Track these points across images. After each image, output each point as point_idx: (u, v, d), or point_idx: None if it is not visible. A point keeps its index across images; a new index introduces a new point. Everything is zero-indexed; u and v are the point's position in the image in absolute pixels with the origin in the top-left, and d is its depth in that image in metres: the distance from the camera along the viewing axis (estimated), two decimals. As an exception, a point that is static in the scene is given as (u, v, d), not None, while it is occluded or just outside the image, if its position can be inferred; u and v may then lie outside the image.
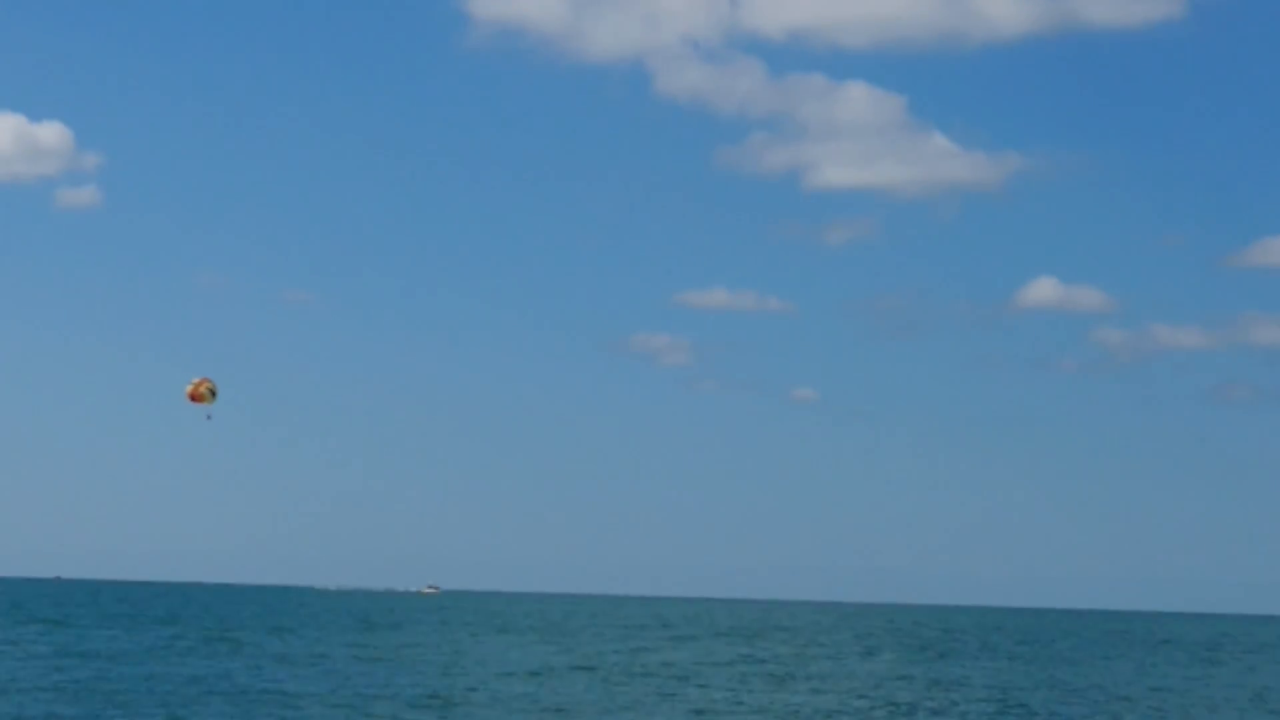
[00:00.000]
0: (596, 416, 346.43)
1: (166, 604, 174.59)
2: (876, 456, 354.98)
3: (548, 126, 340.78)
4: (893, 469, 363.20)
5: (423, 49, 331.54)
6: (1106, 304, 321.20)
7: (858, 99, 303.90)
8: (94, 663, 64.01)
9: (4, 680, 53.80)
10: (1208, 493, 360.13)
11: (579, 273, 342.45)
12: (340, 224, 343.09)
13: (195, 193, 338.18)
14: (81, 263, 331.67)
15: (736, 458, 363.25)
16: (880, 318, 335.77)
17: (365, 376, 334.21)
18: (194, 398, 47.12)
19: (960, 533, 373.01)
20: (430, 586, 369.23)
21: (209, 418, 47.02)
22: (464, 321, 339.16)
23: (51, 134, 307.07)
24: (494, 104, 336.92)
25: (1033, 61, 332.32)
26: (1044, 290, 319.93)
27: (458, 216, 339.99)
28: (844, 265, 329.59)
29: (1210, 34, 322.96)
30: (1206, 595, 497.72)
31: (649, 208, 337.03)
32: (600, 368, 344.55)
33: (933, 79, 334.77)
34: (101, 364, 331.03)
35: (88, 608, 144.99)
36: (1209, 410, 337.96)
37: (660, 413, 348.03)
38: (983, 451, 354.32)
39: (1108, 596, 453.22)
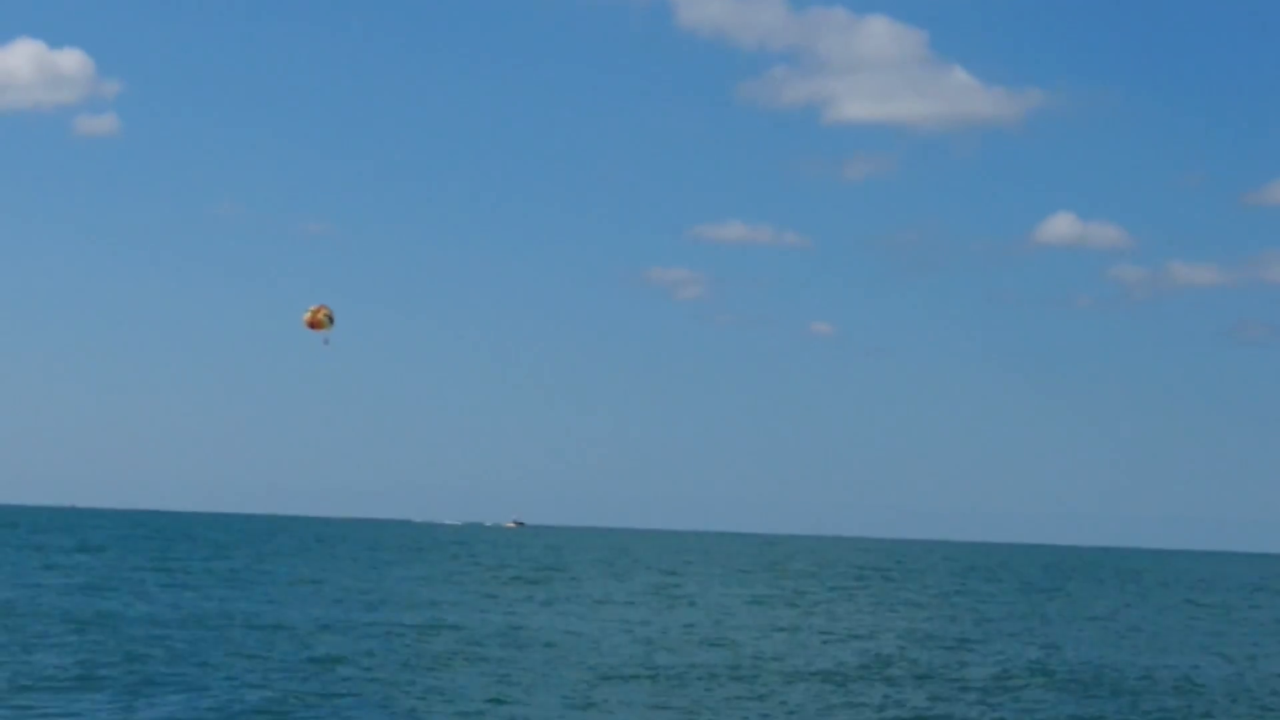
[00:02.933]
0: (613, 349, 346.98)
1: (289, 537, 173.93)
2: (893, 391, 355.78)
3: (569, 59, 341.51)
4: (909, 404, 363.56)
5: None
6: (1125, 240, 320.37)
7: (879, 33, 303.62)
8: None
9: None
10: (1223, 430, 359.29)
11: (597, 206, 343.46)
12: (360, 157, 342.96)
13: (215, 122, 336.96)
14: (101, 190, 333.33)
15: (752, 391, 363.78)
16: (898, 253, 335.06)
17: (383, 311, 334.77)
18: (312, 324, 45.47)
19: (976, 468, 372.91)
20: (515, 521, 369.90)
21: (326, 343, 45.21)
22: (480, 254, 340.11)
23: (72, 61, 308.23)
24: (515, 36, 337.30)
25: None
26: (1062, 226, 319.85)
27: (477, 148, 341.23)
28: (862, 200, 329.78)
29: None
30: (1222, 533, 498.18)
31: (668, 141, 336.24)
32: (616, 300, 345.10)
33: (955, 13, 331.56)
34: (120, 294, 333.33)
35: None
36: (1225, 348, 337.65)
37: (676, 346, 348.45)
38: (998, 387, 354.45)
39: (1124, 533, 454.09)
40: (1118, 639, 59.34)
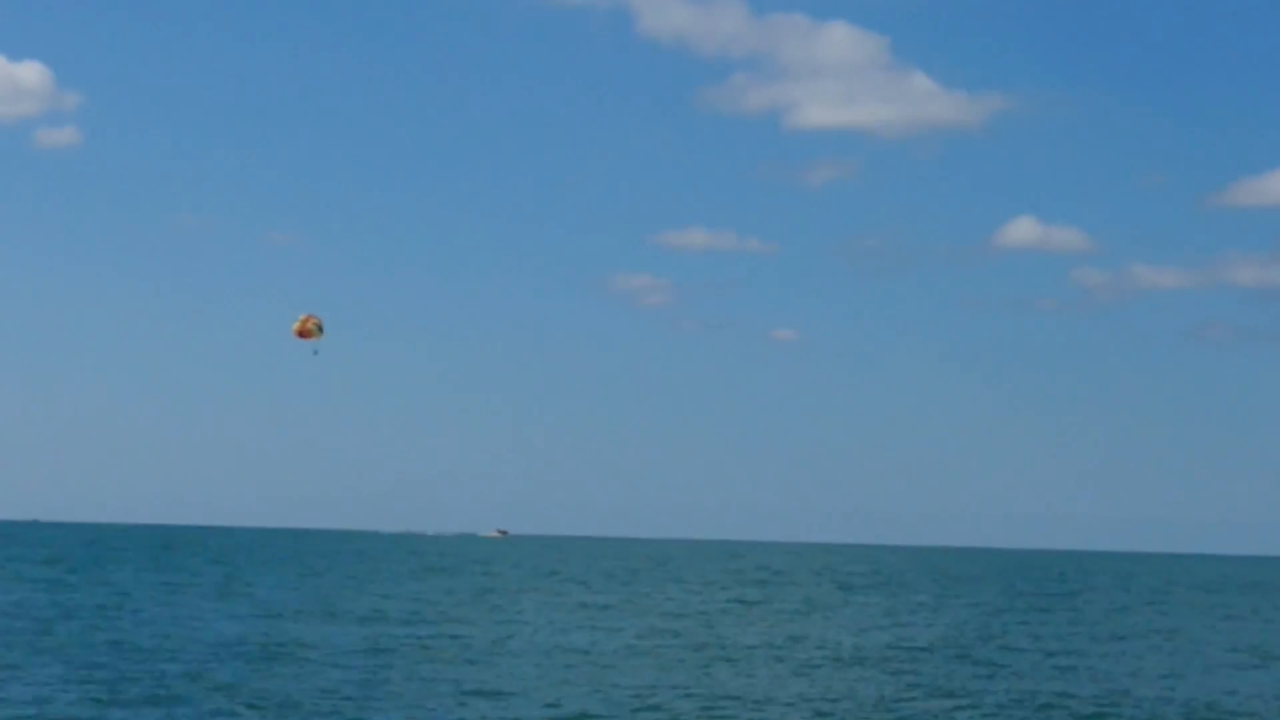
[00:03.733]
0: (577, 355, 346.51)
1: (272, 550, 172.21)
2: (856, 396, 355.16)
3: (531, 66, 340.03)
4: (873, 409, 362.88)
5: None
6: (1086, 243, 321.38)
7: (840, 39, 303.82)
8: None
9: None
10: (1187, 432, 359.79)
11: (559, 213, 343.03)
12: (323, 167, 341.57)
13: (175, 133, 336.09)
14: (61, 203, 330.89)
15: (716, 398, 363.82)
16: (860, 258, 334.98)
17: (350, 319, 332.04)
18: (302, 334, 46.21)
19: (938, 472, 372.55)
20: (499, 531, 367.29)
21: (315, 353, 46.15)
22: (444, 262, 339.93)
23: (31, 74, 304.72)
24: (477, 45, 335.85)
25: (1015, 1, 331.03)
26: (1024, 230, 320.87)
27: (441, 158, 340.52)
28: (824, 206, 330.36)
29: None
30: (1184, 534, 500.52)
31: (630, 148, 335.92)
32: (580, 307, 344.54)
33: (915, 19, 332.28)
34: (82, 306, 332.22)
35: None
36: (1187, 349, 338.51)
37: (640, 352, 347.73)
38: (962, 391, 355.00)
39: (1085, 536, 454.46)
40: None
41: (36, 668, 39.10)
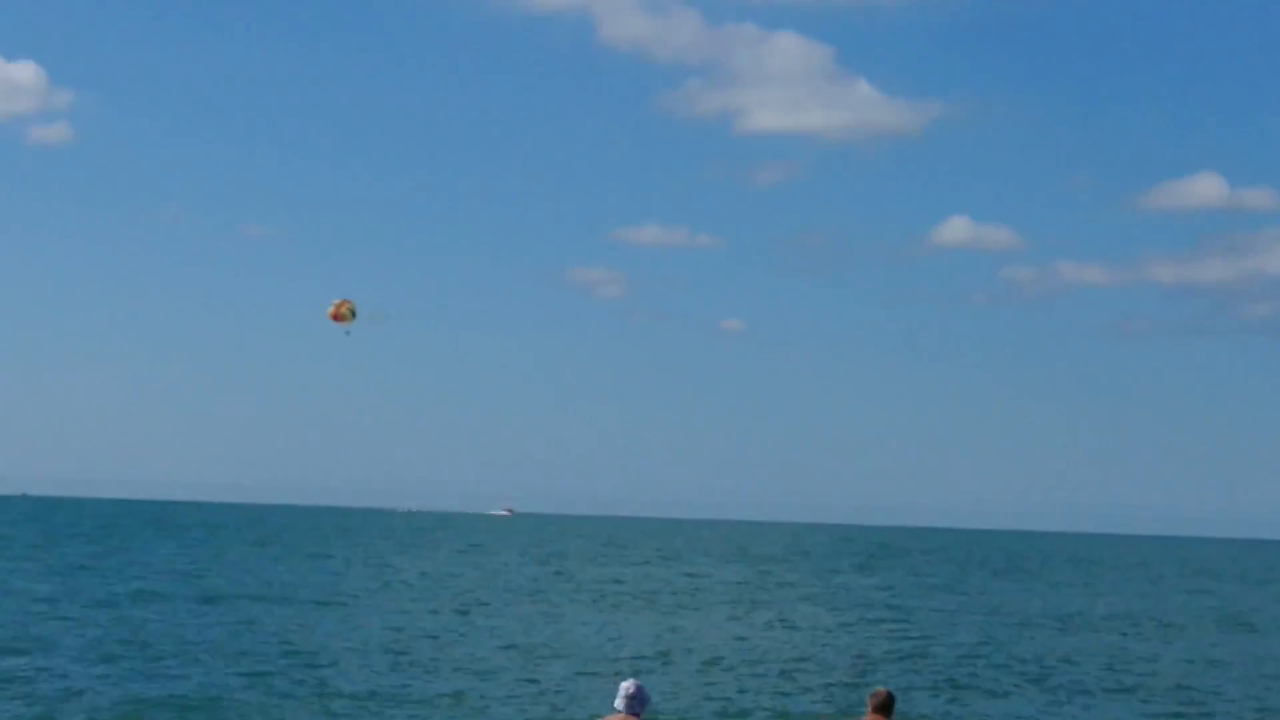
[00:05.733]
0: (535, 345, 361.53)
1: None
2: (799, 384, 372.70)
3: (497, 69, 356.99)
4: (814, 396, 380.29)
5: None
6: (1016, 242, 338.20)
7: (788, 48, 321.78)
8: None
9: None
10: (1109, 420, 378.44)
11: (520, 209, 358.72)
12: (299, 162, 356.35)
13: (162, 130, 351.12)
14: (54, 197, 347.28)
15: (667, 385, 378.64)
16: (804, 254, 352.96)
17: (315, 312, 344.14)
18: (336, 317, 46.09)
19: (875, 457, 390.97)
20: (505, 509, 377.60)
21: (348, 334, 46.47)
22: (410, 254, 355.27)
23: (25, 72, 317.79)
24: (447, 48, 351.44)
25: (954, 15, 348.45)
26: (957, 229, 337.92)
27: (410, 154, 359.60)
28: (771, 205, 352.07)
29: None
30: (1105, 516, 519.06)
31: (589, 149, 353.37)
32: (540, 298, 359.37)
33: (860, 29, 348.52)
34: (74, 295, 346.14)
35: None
36: (1110, 343, 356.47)
37: (596, 341, 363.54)
38: (897, 380, 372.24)
39: (1012, 518, 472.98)
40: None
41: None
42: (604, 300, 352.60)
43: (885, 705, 15.98)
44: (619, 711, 15.15)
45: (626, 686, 15.19)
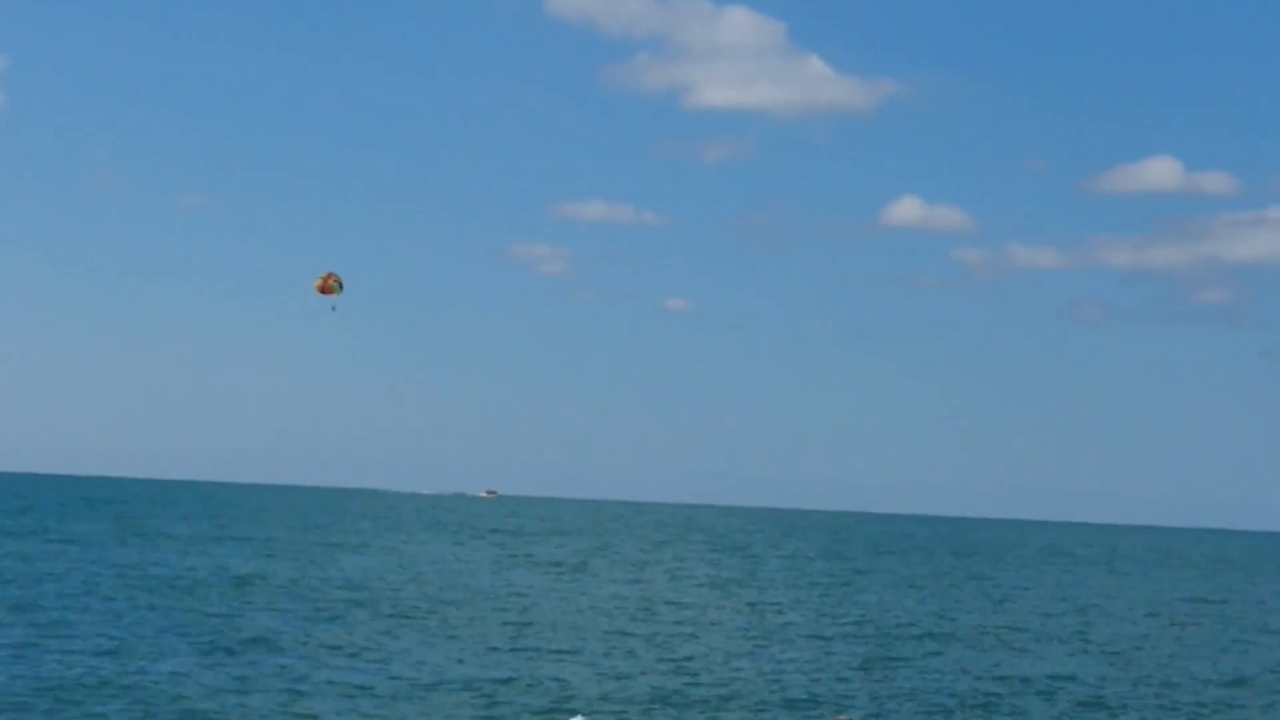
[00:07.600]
0: (477, 322, 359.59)
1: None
2: (744, 365, 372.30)
3: (443, 41, 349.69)
4: (760, 377, 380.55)
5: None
6: (967, 224, 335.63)
7: (739, 23, 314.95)
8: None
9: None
10: (1058, 404, 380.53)
11: (461, 182, 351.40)
12: (236, 131, 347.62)
13: (96, 97, 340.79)
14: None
15: (611, 364, 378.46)
16: (752, 233, 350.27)
17: (256, 281, 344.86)
18: (323, 290, 45.51)
19: (822, 439, 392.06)
20: (488, 491, 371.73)
21: (334, 309, 45.61)
22: (349, 226, 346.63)
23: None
24: (390, 21, 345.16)
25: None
26: (908, 210, 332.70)
27: (349, 124, 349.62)
28: (719, 182, 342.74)
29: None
30: (1056, 502, 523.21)
31: (534, 122, 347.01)
32: (480, 275, 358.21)
33: (812, 5, 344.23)
34: (5, 265, 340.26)
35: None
36: (1061, 326, 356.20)
37: (538, 320, 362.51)
38: (846, 362, 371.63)
39: (963, 503, 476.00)
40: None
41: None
42: (546, 277, 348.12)
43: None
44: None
45: None
